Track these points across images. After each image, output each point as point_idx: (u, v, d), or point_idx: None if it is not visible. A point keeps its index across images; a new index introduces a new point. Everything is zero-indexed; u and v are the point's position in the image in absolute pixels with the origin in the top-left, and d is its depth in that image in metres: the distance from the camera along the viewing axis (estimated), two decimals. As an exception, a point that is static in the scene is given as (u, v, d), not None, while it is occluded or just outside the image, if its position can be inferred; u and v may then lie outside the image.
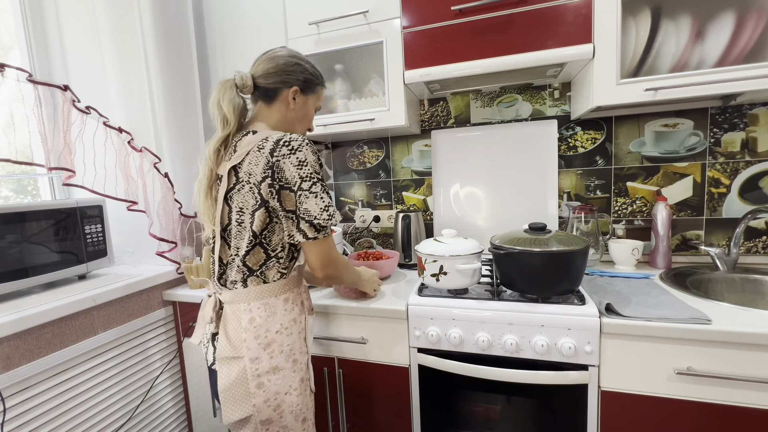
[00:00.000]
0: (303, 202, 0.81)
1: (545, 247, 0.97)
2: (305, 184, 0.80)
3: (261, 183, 0.81)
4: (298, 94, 0.93)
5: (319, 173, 0.83)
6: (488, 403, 1.08)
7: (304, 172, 0.80)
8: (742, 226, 1.21)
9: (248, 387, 0.82)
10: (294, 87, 0.92)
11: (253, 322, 0.84)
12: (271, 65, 0.91)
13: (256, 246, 0.85)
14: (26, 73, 1.23)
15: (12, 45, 1.41)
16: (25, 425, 1.02)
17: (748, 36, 1.06)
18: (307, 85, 0.95)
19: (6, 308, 1.05)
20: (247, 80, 0.89)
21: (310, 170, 0.81)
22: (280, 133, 0.84)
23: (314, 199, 0.81)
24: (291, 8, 1.39)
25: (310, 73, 0.95)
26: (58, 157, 1.30)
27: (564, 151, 1.46)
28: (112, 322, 1.25)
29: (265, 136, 0.84)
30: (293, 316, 0.89)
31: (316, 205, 0.81)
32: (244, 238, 0.85)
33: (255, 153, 0.82)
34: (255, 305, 0.85)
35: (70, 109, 1.32)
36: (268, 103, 0.92)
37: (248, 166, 0.83)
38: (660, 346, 0.91)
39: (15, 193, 1.48)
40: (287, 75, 0.91)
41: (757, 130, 1.27)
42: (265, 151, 0.81)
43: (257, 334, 0.84)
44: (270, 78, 0.90)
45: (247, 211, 0.84)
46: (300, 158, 0.80)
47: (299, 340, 0.89)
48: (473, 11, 1.18)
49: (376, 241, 1.75)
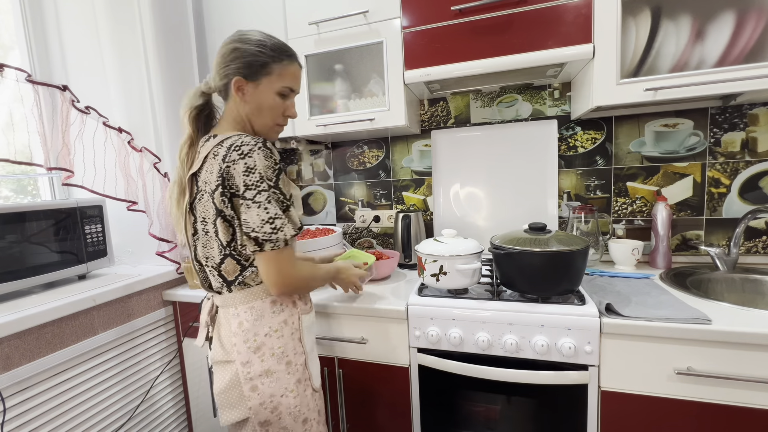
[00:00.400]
0: (244, 212, 0.75)
1: (545, 247, 0.97)
2: (249, 192, 0.74)
3: (215, 192, 0.75)
4: (243, 83, 0.82)
5: (271, 179, 0.75)
6: (488, 403, 1.08)
7: (250, 180, 0.73)
8: (742, 226, 1.21)
9: (242, 390, 0.81)
10: (234, 77, 0.81)
11: (242, 327, 0.82)
12: (216, 60, 0.84)
13: (227, 257, 0.80)
14: (25, 73, 1.24)
15: (12, 45, 1.41)
16: (25, 425, 1.02)
17: (748, 36, 1.06)
18: (253, 70, 0.82)
19: (6, 308, 1.05)
20: (210, 81, 0.86)
21: (256, 178, 0.73)
22: (236, 136, 0.77)
23: (256, 209, 0.74)
24: (291, 8, 1.39)
25: (252, 53, 0.81)
26: (57, 157, 1.30)
27: (564, 151, 1.46)
28: (112, 322, 1.25)
29: (220, 141, 0.79)
30: (283, 318, 0.85)
31: (258, 216, 0.74)
32: (213, 247, 0.81)
33: (211, 160, 0.78)
34: (242, 309, 0.83)
35: (69, 109, 1.33)
36: (226, 99, 0.87)
37: (205, 174, 0.78)
38: (660, 346, 0.91)
39: (15, 193, 1.48)
40: (225, 66, 0.82)
41: (757, 130, 1.27)
42: (219, 158, 0.76)
43: (246, 338, 0.82)
44: (217, 74, 0.84)
45: (209, 220, 0.80)
46: (248, 164, 0.73)
47: (292, 342, 0.85)
48: (473, 11, 1.18)
49: (376, 241, 1.75)
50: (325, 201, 1.81)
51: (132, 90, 1.41)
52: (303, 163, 1.82)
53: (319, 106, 1.48)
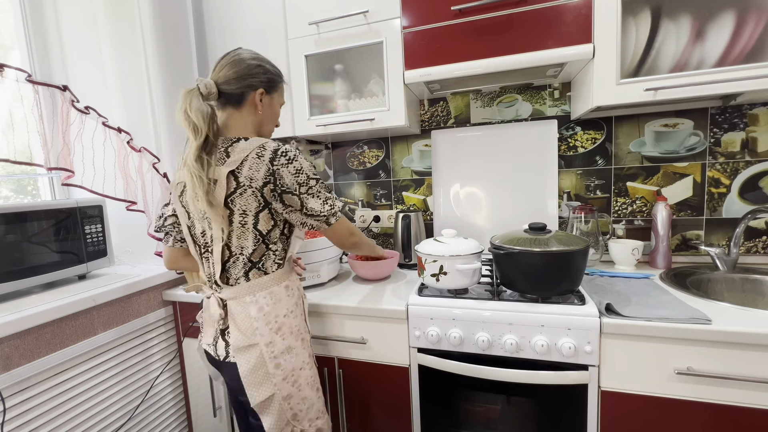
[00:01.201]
0: (306, 202, 0.90)
1: (545, 247, 0.97)
2: (303, 188, 0.89)
3: (263, 187, 0.87)
4: (264, 95, 0.96)
5: (315, 175, 0.92)
6: (488, 403, 1.08)
7: (301, 179, 0.89)
8: (742, 226, 1.21)
9: (267, 369, 0.89)
10: (260, 89, 0.95)
11: (262, 311, 0.91)
12: (233, 71, 0.93)
13: (260, 244, 0.91)
14: (25, 73, 1.24)
15: (12, 45, 1.41)
16: (25, 425, 1.02)
17: (748, 36, 1.06)
18: (271, 85, 0.98)
19: (6, 308, 1.05)
20: (211, 88, 0.90)
21: (305, 177, 0.89)
22: (274, 142, 0.90)
23: (313, 199, 0.91)
24: (291, 8, 1.39)
25: (272, 73, 0.98)
26: (57, 157, 1.30)
27: (564, 151, 1.46)
28: (112, 322, 1.25)
29: (261, 144, 0.88)
30: (294, 300, 0.97)
31: (316, 203, 0.91)
32: (248, 238, 0.90)
33: (254, 159, 0.87)
34: (261, 295, 0.92)
35: (68, 109, 1.33)
36: (238, 107, 0.94)
37: (249, 171, 0.87)
38: (660, 346, 0.91)
39: (15, 193, 1.48)
40: (251, 78, 0.94)
41: (757, 130, 1.27)
42: (265, 159, 0.87)
43: (268, 320, 0.91)
44: (234, 84, 0.92)
45: (250, 213, 0.88)
46: (296, 167, 0.88)
47: (302, 321, 0.98)
48: (473, 11, 1.18)
49: (376, 241, 1.75)
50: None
51: (131, 90, 1.41)
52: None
53: (319, 106, 1.48)
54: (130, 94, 1.41)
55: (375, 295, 1.21)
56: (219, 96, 0.93)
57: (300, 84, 1.41)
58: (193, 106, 0.88)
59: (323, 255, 1.31)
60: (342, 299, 1.19)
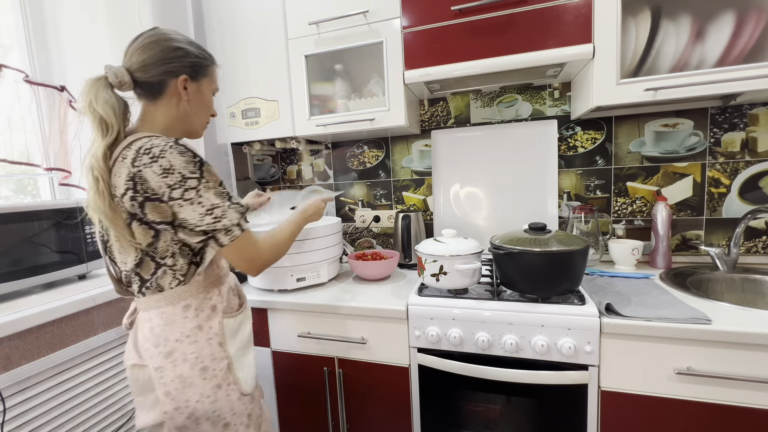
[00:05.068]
0: (179, 212, 0.74)
1: (545, 247, 0.97)
2: (175, 192, 0.72)
3: (123, 196, 0.73)
4: (188, 82, 0.83)
5: (194, 174, 0.73)
6: (488, 403, 1.08)
7: (171, 180, 0.72)
8: (742, 226, 1.21)
9: (157, 394, 0.79)
10: (182, 75, 0.82)
11: (153, 331, 0.80)
12: (148, 54, 0.79)
13: (144, 258, 0.79)
14: (23, 73, 1.24)
15: (12, 45, 1.41)
16: (25, 425, 1.02)
17: (748, 36, 1.06)
18: (196, 70, 0.84)
19: (6, 308, 1.05)
20: (123, 76, 0.78)
21: (178, 176, 0.72)
22: (145, 138, 0.75)
23: (190, 206, 0.73)
24: (291, 8, 1.39)
25: (195, 56, 0.84)
26: (55, 158, 1.30)
27: (564, 151, 1.46)
28: (112, 322, 1.25)
29: (129, 143, 0.75)
30: (197, 323, 0.81)
31: (194, 212, 0.73)
32: (129, 254, 0.79)
33: (119, 163, 0.74)
34: (153, 314, 0.81)
35: (66, 109, 1.33)
36: (154, 99, 0.82)
37: (114, 178, 0.74)
38: (660, 346, 0.91)
39: (15, 193, 1.48)
40: (169, 63, 0.80)
41: (757, 130, 1.27)
42: (127, 161, 0.73)
43: (157, 342, 0.80)
44: (150, 70, 0.79)
45: (120, 225, 0.76)
46: (163, 165, 0.71)
47: (209, 347, 0.82)
48: (473, 11, 1.18)
49: (376, 241, 1.75)
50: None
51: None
52: (303, 163, 1.82)
53: (319, 106, 1.48)
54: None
55: (375, 295, 1.21)
56: (135, 86, 0.80)
57: (300, 84, 1.41)
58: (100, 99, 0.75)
59: (323, 255, 1.31)
60: (342, 299, 1.19)
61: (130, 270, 0.80)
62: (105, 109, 0.75)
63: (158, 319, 0.80)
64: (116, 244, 0.80)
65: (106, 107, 0.75)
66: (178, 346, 0.79)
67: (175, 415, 0.79)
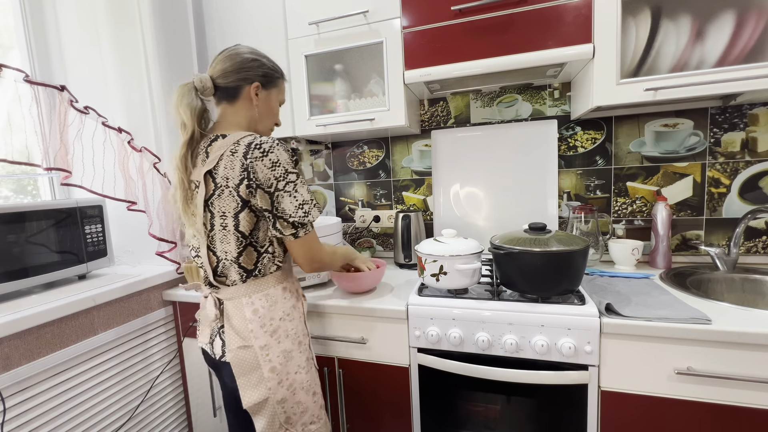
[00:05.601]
0: (280, 201, 0.84)
1: (545, 247, 0.97)
2: (280, 183, 0.83)
3: (239, 186, 0.83)
4: (259, 89, 0.94)
5: (295, 170, 0.86)
6: (488, 403, 1.08)
7: (278, 173, 0.83)
8: (742, 226, 1.21)
9: (262, 372, 0.88)
10: (255, 83, 0.93)
11: (257, 313, 0.89)
12: (229, 64, 0.91)
13: (247, 247, 0.88)
14: (23, 73, 1.23)
15: (12, 45, 1.41)
16: (25, 425, 1.02)
17: (748, 36, 1.06)
18: (268, 80, 0.96)
19: (6, 308, 1.05)
20: (206, 82, 0.89)
21: (282, 170, 0.83)
22: (250, 135, 0.86)
23: (288, 197, 0.84)
24: (291, 8, 1.39)
25: (269, 68, 0.96)
26: (55, 157, 1.30)
27: (564, 151, 1.46)
28: (112, 322, 1.25)
29: (236, 140, 0.85)
30: (292, 303, 0.95)
31: (291, 203, 0.85)
32: (230, 242, 0.87)
33: (229, 157, 0.84)
34: (256, 297, 0.90)
35: (67, 109, 1.32)
36: (232, 102, 0.92)
37: (224, 171, 0.84)
38: (660, 346, 0.91)
39: (15, 193, 1.48)
40: (246, 71, 0.91)
41: (757, 130, 1.27)
42: (239, 155, 0.83)
43: (263, 323, 0.89)
44: (229, 77, 0.90)
45: (229, 214, 0.85)
46: (272, 159, 0.83)
47: (300, 324, 0.96)
48: (473, 11, 1.18)
49: (376, 241, 1.75)
50: (325, 201, 1.81)
51: (132, 90, 1.41)
52: (303, 163, 1.82)
53: (319, 106, 1.48)
54: (131, 94, 1.41)
55: (375, 295, 1.21)
56: (215, 91, 0.91)
57: (300, 84, 1.41)
58: (183, 101, 0.86)
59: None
60: (342, 299, 1.19)
61: (232, 259, 0.88)
62: (184, 110, 0.86)
63: (263, 301, 0.90)
64: (219, 233, 0.87)
65: (186, 109, 0.86)
66: (282, 324, 0.91)
67: (278, 389, 0.89)
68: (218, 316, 0.92)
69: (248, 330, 0.88)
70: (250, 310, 0.89)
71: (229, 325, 0.90)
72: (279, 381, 0.89)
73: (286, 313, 0.92)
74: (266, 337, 0.88)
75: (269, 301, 0.90)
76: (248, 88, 0.92)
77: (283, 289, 0.93)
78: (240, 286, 0.90)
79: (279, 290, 0.92)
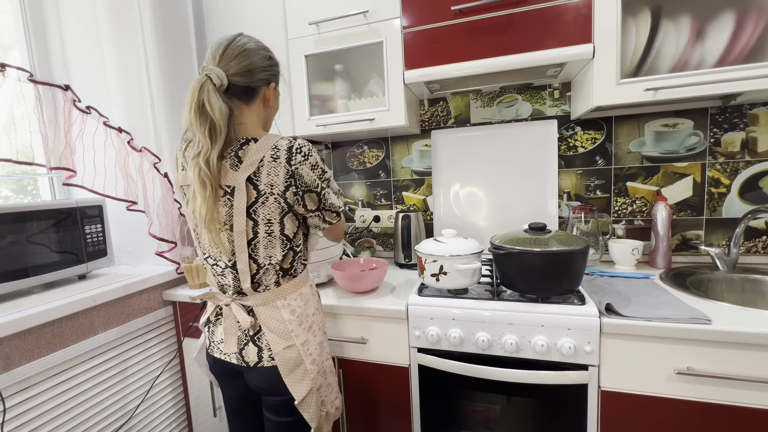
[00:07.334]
0: (327, 198, 0.89)
1: (545, 247, 0.97)
2: (323, 182, 0.87)
3: (285, 192, 0.83)
4: (274, 89, 0.93)
5: (326, 167, 0.90)
6: (488, 403, 1.08)
7: (318, 173, 0.86)
8: (742, 226, 1.21)
9: (306, 366, 0.90)
10: (272, 83, 0.91)
11: (295, 313, 0.91)
12: (250, 61, 0.85)
13: (289, 250, 0.89)
14: (27, 72, 1.23)
15: (12, 45, 1.41)
16: (25, 425, 1.02)
17: (748, 36, 1.06)
18: (277, 79, 0.94)
19: (6, 308, 1.05)
20: (224, 79, 0.81)
21: (320, 171, 0.87)
22: (284, 139, 0.84)
23: (331, 192, 0.90)
24: (291, 8, 1.39)
25: (277, 64, 0.94)
26: (59, 157, 1.30)
27: (564, 151, 1.46)
28: (112, 322, 1.25)
29: (273, 144, 0.82)
30: (317, 298, 1.00)
31: (334, 196, 0.91)
32: (276, 246, 0.87)
33: (271, 163, 0.81)
34: (291, 298, 0.91)
35: (71, 108, 1.33)
36: (248, 102, 0.87)
37: (268, 177, 0.81)
38: (660, 346, 0.91)
39: (15, 193, 1.48)
40: (264, 71, 0.88)
41: (757, 130, 1.27)
42: (281, 161, 0.82)
43: (300, 321, 0.91)
44: (248, 77, 0.85)
45: (275, 220, 0.84)
46: (312, 163, 0.85)
47: (322, 316, 1.01)
48: (473, 11, 1.18)
49: (376, 241, 1.75)
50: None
51: (132, 90, 1.41)
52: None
53: (319, 106, 1.48)
54: (131, 94, 1.41)
55: (375, 295, 1.21)
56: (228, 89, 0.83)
57: (300, 84, 1.41)
58: (214, 103, 0.78)
59: (323, 255, 1.31)
60: (342, 299, 1.19)
61: (276, 263, 0.88)
62: (219, 115, 0.78)
63: (298, 301, 0.92)
64: (264, 240, 0.85)
65: (219, 113, 0.78)
66: (315, 319, 0.95)
67: (318, 378, 0.93)
68: (253, 323, 0.89)
69: (288, 330, 0.89)
70: (287, 311, 0.90)
71: (268, 329, 0.88)
72: (318, 371, 0.93)
73: (316, 308, 0.97)
74: (306, 334, 0.91)
75: (303, 299, 0.93)
76: (265, 89, 0.90)
77: (310, 286, 0.97)
78: (273, 290, 0.89)
79: (308, 288, 0.96)
